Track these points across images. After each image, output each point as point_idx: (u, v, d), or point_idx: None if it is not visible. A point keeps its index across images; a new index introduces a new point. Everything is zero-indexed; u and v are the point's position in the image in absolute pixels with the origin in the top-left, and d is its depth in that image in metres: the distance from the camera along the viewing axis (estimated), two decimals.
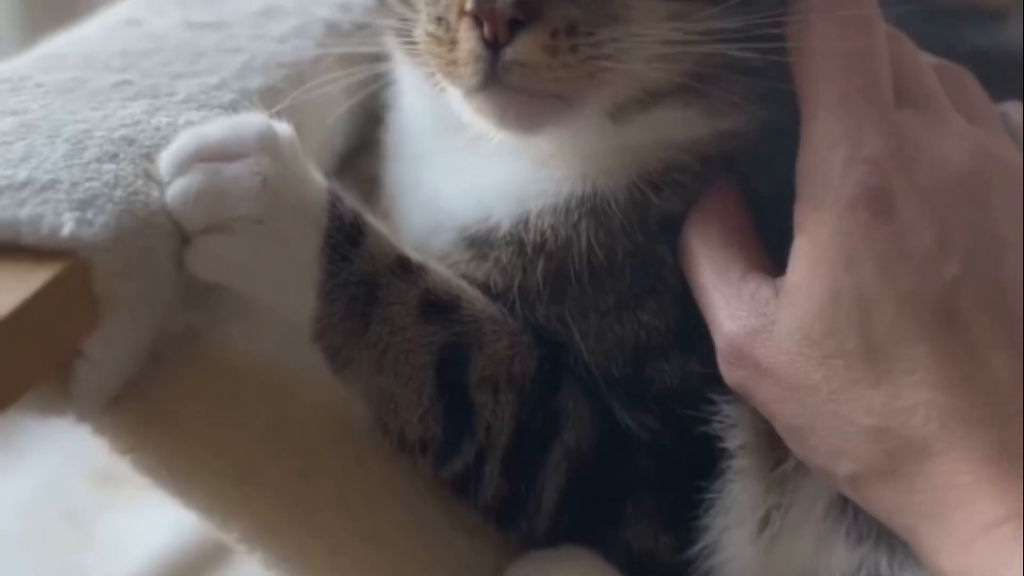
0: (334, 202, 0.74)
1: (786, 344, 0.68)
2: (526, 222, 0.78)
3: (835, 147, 0.68)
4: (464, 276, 0.80)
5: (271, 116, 0.78)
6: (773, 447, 0.74)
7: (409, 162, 0.88)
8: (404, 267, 0.76)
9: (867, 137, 0.68)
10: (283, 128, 0.74)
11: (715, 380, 0.74)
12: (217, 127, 0.73)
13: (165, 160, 0.72)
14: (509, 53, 0.69)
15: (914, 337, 0.65)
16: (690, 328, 0.74)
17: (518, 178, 0.80)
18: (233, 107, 0.80)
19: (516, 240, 0.78)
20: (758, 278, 0.71)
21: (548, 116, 0.73)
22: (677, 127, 0.76)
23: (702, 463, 0.76)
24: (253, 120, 0.74)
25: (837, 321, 0.66)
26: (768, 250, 0.74)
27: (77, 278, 0.65)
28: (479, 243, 0.80)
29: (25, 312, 0.62)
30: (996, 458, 0.62)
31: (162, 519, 1.83)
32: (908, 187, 0.67)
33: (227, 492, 0.74)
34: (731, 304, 0.71)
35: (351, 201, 0.76)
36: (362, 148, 0.96)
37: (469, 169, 0.82)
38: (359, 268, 0.74)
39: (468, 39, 0.70)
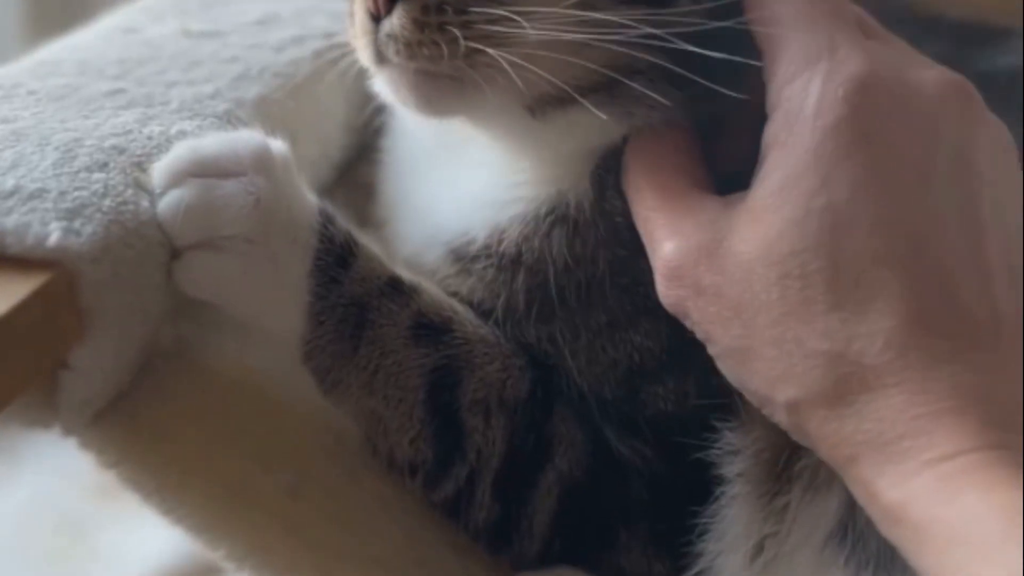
0: (325, 223, 0.73)
1: (738, 261, 0.65)
2: (500, 234, 0.77)
3: (813, 64, 0.66)
4: (452, 293, 0.79)
5: (266, 128, 0.78)
6: (774, 476, 0.72)
7: (405, 172, 0.87)
8: (396, 288, 0.75)
9: (845, 56, 0.65)
10: (278, 146, 0.73)
11: (715, 405, 0.72)
12: (213, 141, 0.72)
13: (158, 171, 0.71)
14: (385, 26, 0.70)
15: (883, 262, 0.62)
16: (686, 351, 0.72)
17: (493, 189, 0.79)
18: (227, 117, 0.79)
19: (492, 253, 0.77)
20: (702, 196, 0.69)
21: (443, 97, 0.72)
22: (595, 133, 0.74)
23: (697, 488, 0.75)
24: (249, 137, 0.72)
25: (804, 240, 0.63)
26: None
27: (63, 289, 0.64)
28: (461, 258, 0.79)
29: (9, 322, 0.61)
30: (953, 392, 0.60)
31: (162, 532, 1.81)
32: (891, 109, 0.65)
33: (216, 508, 0.73)
34: (673, 222, 0.68)
35: (342, 221, 0.75)
36: (360, 154, 0.95)
37: (453, 181, 0.81)
38: (349, 290, 0.73)
39: (359, 12, 0.71)
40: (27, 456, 1.99)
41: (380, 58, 0.71)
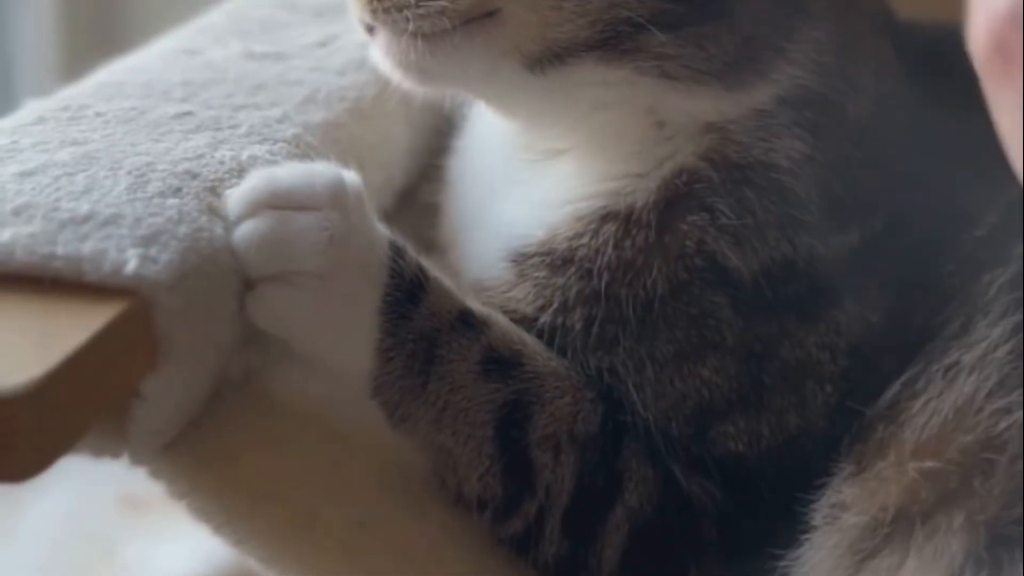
0: (395, 257, 0.72)
1: None
2: (554, 231, 0.77)
3: None
4: (511, 311, 0.78)
5: (334, 154, 0.77)
6: (872, 534, 0.70)
7: (472, 191, 0.86)
8: (466, 322, 0.74)
9: None
10: (352, 180, 0.72)
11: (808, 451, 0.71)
12: (289, 173, 0.71)
13: (234, 200, 0.70)
14: None
15: None
16: (758, 391, 0.72)
17: (556, 190, 0.78)
18: (296, 141, 0.79)
19: (547, 251, 0.77)
20: None
21: (439, 62, 0.73)
22: (607, 88, 0.74)
23: (776, 532, 0.73)
24: (325, 171, 0.71)
25: None
26: None
27: (139, 317, 0.63)
28: (518, 260, 0.78)
29: (87, 352, 0.60)
30: None
31: (188, 546, 1.81)
32: None
33: (285, 539, 0.72)
34: None
35: (413, 254, 0.74)
36: (422, 176, 0.94)
37: (521, 194, 0.81)
38: (418, 326, 0.72)
39: None
40: (55, 470, 1.99)
41: (372, 24, 0.73)
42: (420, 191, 0.92)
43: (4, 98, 2.08)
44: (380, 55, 0.75)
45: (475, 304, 0.76)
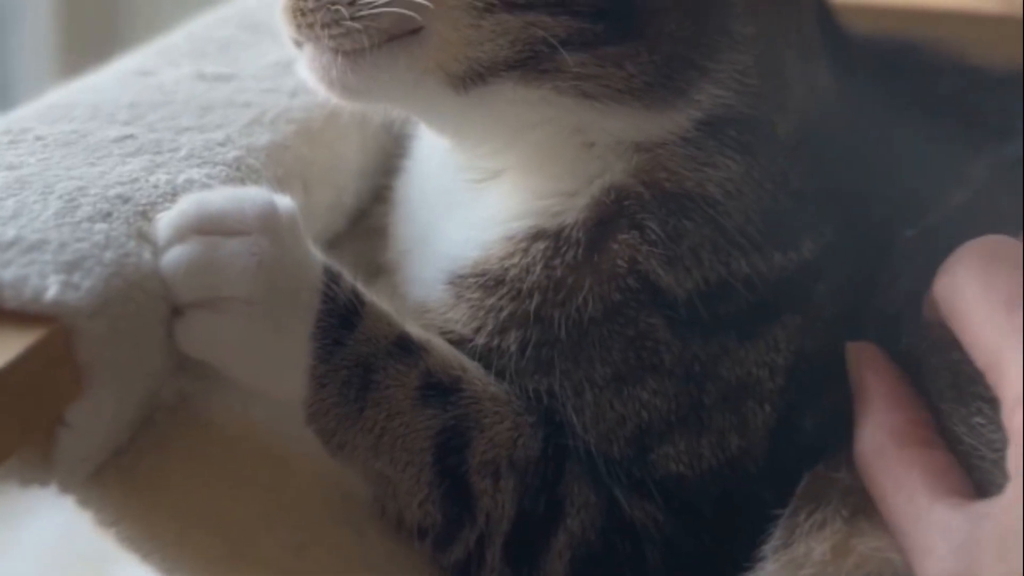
0: (329, 283, 0.71)
1: None
2: (487, 251, 0.77)
3: None
4: (448, 331, 0.77)
5: (278, 175, 0.77)
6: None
7: (417, 213, 0.85)
8: (403, 348, 0.73)
9: None
10: (285, 204, 0.71)
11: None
12: (220, 197, 0.70)
13: (163, 224, 0.69)
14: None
15: None
16: (697, 411, 0.71)
17: (490, 206, 0.78)
18: (237, 164, 0.78)
19: (480, 271, 0.76)
20: (944, 504, 0.64)
21: (362, 78, 0.72)
22: (530, 107, 0.73)
23: (721, 558, 0.72)
24: (256, 196, 0.71)
25: None
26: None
27: (60, 344, 0.63)
28: (455, 282, 0.78)
29: (3, 378, 0.59)
30: None
31: None
32: None
33: (218, 566, 0.71)
34: (925, 541, 0.63)
35: (348, 279, 0.73)
36: (375, 198, 0.94)
37: (465, 217, 0.80)
38: (353, 351, 0.71)
39: None
40: (46, 491, 1.99)
41: (298, 37, 0.73)
42: (372, 213, 0.92)
43: (1, 102, 2.08)
44: (305, 70, 0.75)
45: (414, 329, 0.75)
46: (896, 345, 0.73)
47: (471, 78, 0.72)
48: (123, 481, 0.70)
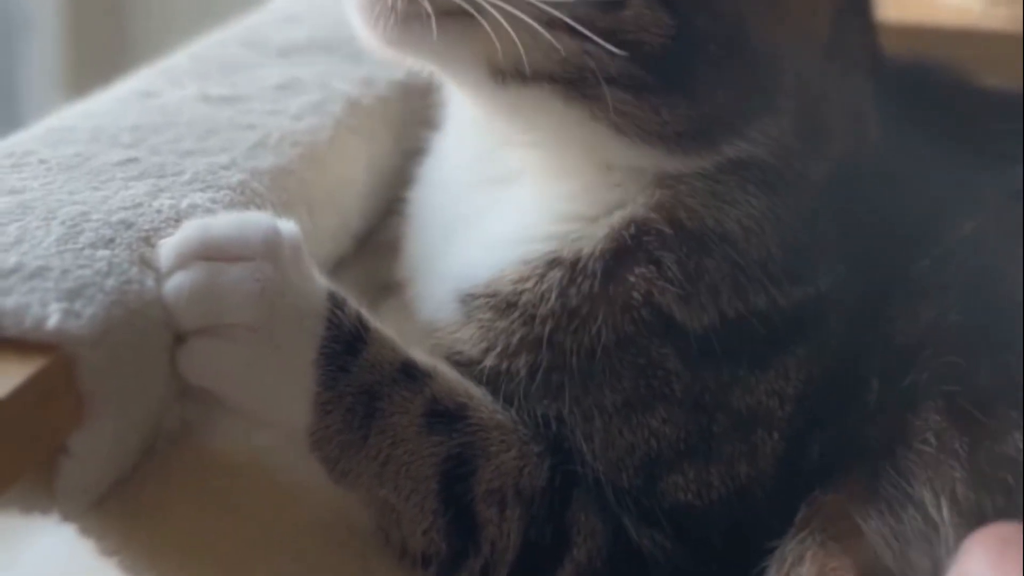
0: (333, 309, 0.71)
1: None
2: (501, 273, 0.76)
3: None
4: (456, 352, 0.77)
5: (282, 199, 0.76)
6: None
7: (430, 227, 0.85)
8: (408, 374, 0.72)
9: None
10: (289, 229, 0.71)
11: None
12: (223, 223, 0.70)
13: (166, 250, 0.69)
14: None
15: None
16: (707, 440, 0.70)
17: (505, 220, 0.78)
18: (241, 188, 0.77)
19: (492, 292, 0.76)
20: None
21: (396, 28, 0.72)
22: (559, 119, 0.73)
23: None
24: (259, 221, 0.70)
25: None
26: None
27: (62, 372, 0.62)
28: (465, 301, 0.77)
29: (5, 407, 0.59)
30: None
31: None
32: None
33: None
34: None
35: (353, 305, 0.72)
36: (386, 212, 0.93)
37: (474, 224, 0.80)
38: (358, 378, 0.71)
39: None
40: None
41: None
42: (384, 227, 0.91)
43: (8, 119, 2.07)
44: (354, 10, 0.74)
45: (419, 355, 0.74)
46: (903, 376, 0.72)
47: (513, 75, 0.72)
48: (125, 511, 0.69)
